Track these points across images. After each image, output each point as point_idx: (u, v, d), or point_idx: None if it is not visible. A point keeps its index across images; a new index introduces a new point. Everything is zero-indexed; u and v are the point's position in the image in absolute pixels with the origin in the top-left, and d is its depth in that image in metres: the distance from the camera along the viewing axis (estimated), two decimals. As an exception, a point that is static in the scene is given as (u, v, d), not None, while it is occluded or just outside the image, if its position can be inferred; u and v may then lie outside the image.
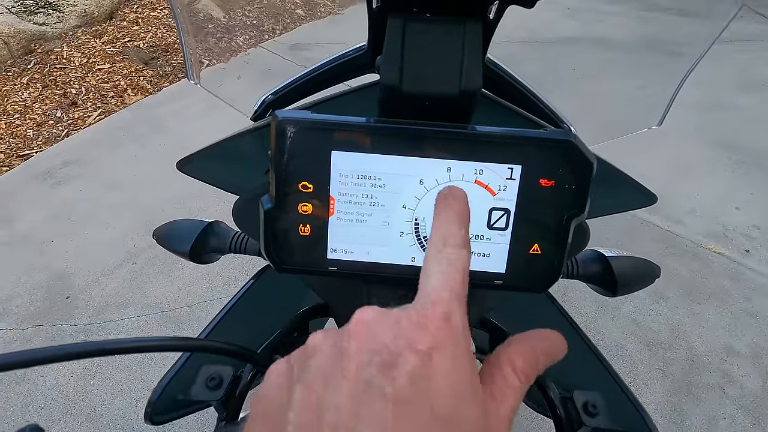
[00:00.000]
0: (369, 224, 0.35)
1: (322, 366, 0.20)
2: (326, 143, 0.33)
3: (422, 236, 0.36)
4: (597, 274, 0.51)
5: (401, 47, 0.33)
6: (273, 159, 0.34)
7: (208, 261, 0.54)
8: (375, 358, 0.19)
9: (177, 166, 0.48)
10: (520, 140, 0.33)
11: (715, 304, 1.78)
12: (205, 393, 0.43)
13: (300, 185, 0.34)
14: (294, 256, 0.36)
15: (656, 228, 2.10)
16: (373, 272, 0.37)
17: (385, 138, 0.33)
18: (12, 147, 2.67)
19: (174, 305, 1.77)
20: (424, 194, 0.34)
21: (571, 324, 0.53)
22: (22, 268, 1.93)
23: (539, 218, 0.34)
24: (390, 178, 0.34)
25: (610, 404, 0.45)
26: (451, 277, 0.21)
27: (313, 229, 0.35)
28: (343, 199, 0.35)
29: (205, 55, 3.50)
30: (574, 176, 0.33)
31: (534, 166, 0.33)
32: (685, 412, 1.46)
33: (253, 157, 0.45)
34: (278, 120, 0.33)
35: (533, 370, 0.23)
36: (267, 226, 0.35)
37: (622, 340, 1.66)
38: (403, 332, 0.19)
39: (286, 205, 0.35)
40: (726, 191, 2.32)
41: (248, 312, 0.53)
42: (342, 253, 0.36)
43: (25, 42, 3.31)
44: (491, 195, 0.34)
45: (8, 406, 1.47)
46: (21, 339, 1.67)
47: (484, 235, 0.35)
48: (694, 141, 2.67)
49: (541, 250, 0.35)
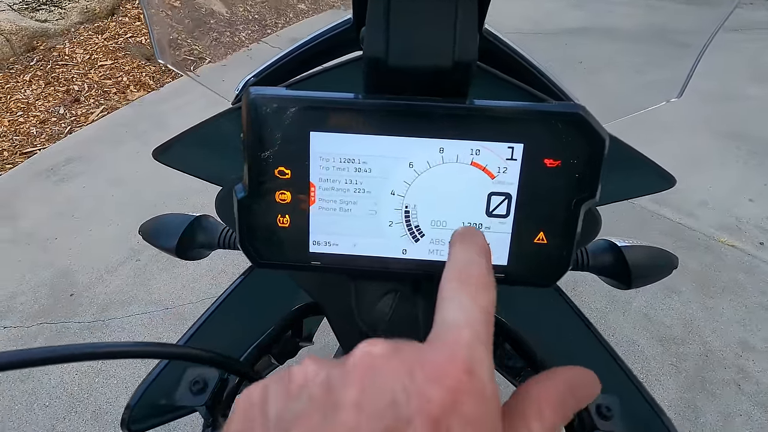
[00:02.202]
0: (354, 213, 0.32)
1: (309, 416, 0.16)
2: (304, 123, 0.30)
3: (413, 226, 0.32)
4: (609, 266, 0.47)
5: (386, 13, 0.29)
6: (245, 141, 0.30)
7: (197, 257, 0.51)
8: (378, 424, 0.15)
9: (153, 154, 0.45)
10: (522, 114, 0.29)
11: (729, 298, 1.74)
12: (189, 398, 0.41)
13: (276, 171, 0.31)
14: (273, 249, 0.33)
15: (667, 221, 2.06)
16: (360, 266, 0.33)
17: (369, 116, 0.30)
18: (15, 144, 2.67)
19: (178, 302, 1.76)
20: (414, 178, 0.31)
21: (582, 319, 0.50)
22: (26, 265, 1.93)
23: (544, 203, 0.31)
24: (376, 161, 0.31)
25: (626, 407, 0.42)
26: (473, 316, 0.18)
27: (293, 220, 0.32)
28: (324, 185, 0.31)
29: (206, 53, 3.47)
30: (583, 155, 0.29)
31: (538, 144, 0.30)
32: (699, 408, 1.43)
33: (232, 142, 0.42)
34: (250, 97, 0.29)
35: (561, 422, 0.19)
36: (242, 217, 0.32)
37: (633, 336, 1.62)
38: (415, 386, 0.15)
39: (261, 194, 0.31)
40: (738, 183, 2.28)
41: (238, 310, 0.49)
42: (325, 245, 0.33)
43: (27, 39, 3.30)
44: (490, 178, 0.31)
45: (13, 404, 1.47)
46: (25, 337, 1.66)
47: (482, 223, 0.32)
48: (703, 132, 2.62)
49: (547, 239, 0.32)
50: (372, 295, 0.37)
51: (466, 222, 0.32)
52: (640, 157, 0.40)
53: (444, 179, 0.31)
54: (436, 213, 0.32)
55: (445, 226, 0.32)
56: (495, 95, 0.40)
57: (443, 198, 0.31)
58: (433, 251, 0.33)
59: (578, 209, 0.31)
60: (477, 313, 0.18)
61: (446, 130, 0.30)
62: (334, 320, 0.47)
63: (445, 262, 0.22)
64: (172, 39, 3.57)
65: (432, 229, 0.32)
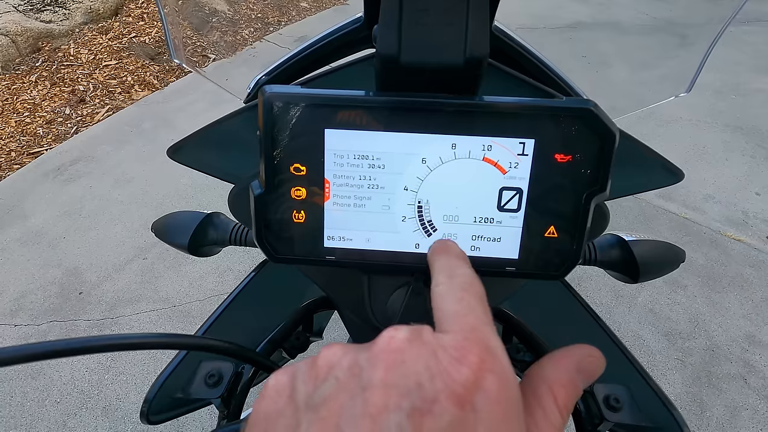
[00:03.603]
0: (368, 209, 0.33)
1: (337, 396, 0.16)
2: (319, 120, 0.30)
3: (426, 221, 0.33)
4: (617, 260, 0.48)
5: (399, 11, 0.30)
6: (261, 139, 0.31)
7: (208, 254, 0.52)
8: (405, 401, 0.15)
9: (168, 153, 0.46)
10: (533, 110, 0.30)
11: (735, 293, 1.74)
12: (204, 390, 0.42)
13: (292, 168, 0.32)
14: (289, 245, 0.34)
15: (672, 215, 2.05)
16: (373, 261, 0.34)
17: (382, 113, 0.30)
18: (23, 145, 2.69)
19: (186, 300, 1.77)
20: (427, 174, 0.31)
21: (590, 312, 0.50)
22: (35, 264, 1.95)
23: (555, 198, 0.31)
24: (389, 157, 0.31)
25: (634, 398, 0.43)
26: (472, 304, 0.19)
27: (308, 216, 0.33)
28: (339, 181, 0.32)
29: (211, 50, 3.48)
30: (594, 150, 0.30)
31: (549, 139, 0.30)
32: (705, 403, 1.43)
33: (246, 140, 0.43)
34: (265, 95, 0.30)
35: (574, 400, 0.20)
36: (258, 214, 0.33)
37: (639, 330, 1.62)
38: (439, 366, 0.16)
39: (277, 190, 0.32)
40: (745, 176, 2.26)
41: (249, 305, 0.50)
42: (340, 240, 0.34)
43: (32, 40, 3.33)
44: (501, 173, 0.31)
45: (25, 401, 1.49)
46: (36, 335, 1.68)
47: (494, 218, 0.32)
48: (709, 125, 2.60)
49: (557, 233, 0.32)
50: (384, 289, 0.38)
51: (477, 216, 0.33)
52: (648, 151, 0.41)
53: (456, 175, 0.31)
54: (449, 208, 0.32)
55: (457, 220, 0.33)
56: (505, 92, 0.40)
57: (455, 193, 0.32)
58: None
59: (588, 203, 0.31)
60: (474, 302, 0.19)
61: (458, 127, 0.30)
62: (345, 314, 0.48)
63: None
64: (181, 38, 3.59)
65: (444, 224, 0.33)
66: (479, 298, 0.20)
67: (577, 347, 0.22)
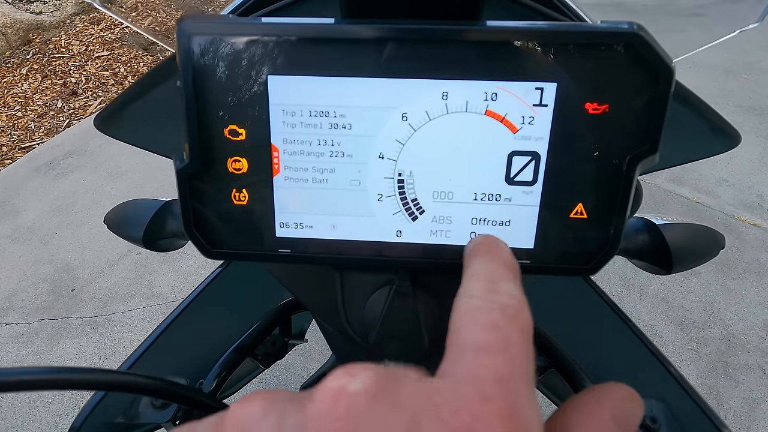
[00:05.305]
0: (332, 185, 0.24)
1: None
2: (259, 63, 0.22)
3: (410, 199, 0.25)
4: (646, 247, 0.39)
5: None
6: (182, 92, 0.23)
7: (169, 248, 0.43)
8: None
9: (94, 123, 0.38)
10: (557, 39, 0.21)
11: (751, 279, 1.67)
12: (151, 413, 0.35)
13: (226, 131, 0.24)
14: (228, 235, 0.26)
15: (684, 200, 1.98)
16: (342, 254, 0.26)
17: (347, 48, 0.22)
18: (14, 139, 2.64)
19: (180, 295, 1.72)
20: (409, 136, 0.23)
21: (619, 315, 0.43)
22: (26, 261, 1.90)
23: (585, 165, 0.23)
24: (357, 113, 0.23)
25: (674, 414, 0.36)
26: (512, 339, 0.13)
27: (252, 196, 0.25)
28: (290, 148, 0.24)
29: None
30: (641, 93, 0.22)
31: (577, 82, 0.22)
32: (722, 395, 1.37)
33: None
34: (182, 28, 0.22)
35: None
36: (183, 194, 0.24)
37: (651, 320, 1.56)
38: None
39: (208, 162, 0.24)
40: (759, 158, 2.18)
41: (213, 307, 0.43)
42: (297, 228, 0.25)
43: (22, 32, 3.25)
44: (511, 132, 0.23)
45: (16, 402, 1.45)
46: (27, 333, 1.64)
47: (501, 194, 0.24)
48: (720, 105, 2.50)
49: (587, 212, 0.24)
50: (360, 290, 0.30)
51: (479, 193, 0.24)
52: (703, 106, 0.32)
53: (449, 136, 0.23)
54: (440, 182, 0.24)
55: (451, 198, 0.25)
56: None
57: (448, 162, 0.24)
58: (435, 232, 0.25)
59: (632, 170, 0.23)
60: (516, 337, 0.13)
61: (452, 67, 0.22)
62: (318, 321, 0.39)
63: (451, 246, 0.16)
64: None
65: (434, 204, 0.25)
66: (523, 335, 0.13)
67: (610, 389, 0.16)
